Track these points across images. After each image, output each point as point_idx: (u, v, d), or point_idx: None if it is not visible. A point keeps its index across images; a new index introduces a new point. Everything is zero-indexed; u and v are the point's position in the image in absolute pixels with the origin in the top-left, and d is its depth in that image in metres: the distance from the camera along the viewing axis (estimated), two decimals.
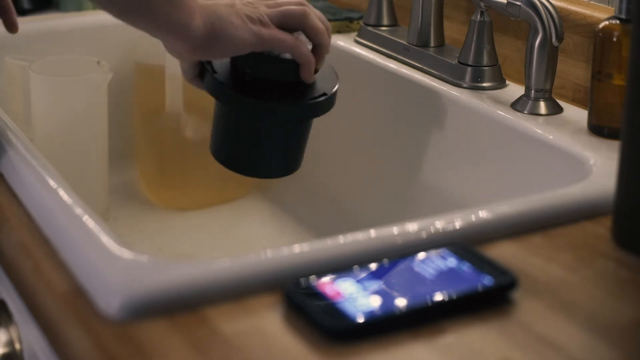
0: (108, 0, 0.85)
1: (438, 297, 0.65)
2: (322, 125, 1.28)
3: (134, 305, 0.65)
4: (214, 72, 0.92)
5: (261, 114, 0.91)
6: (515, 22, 1.07)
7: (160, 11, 0.85)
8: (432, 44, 1.14)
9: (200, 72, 0.94)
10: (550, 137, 0.94)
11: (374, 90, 1.18)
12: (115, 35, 1.27)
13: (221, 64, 0.93)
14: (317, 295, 0.65)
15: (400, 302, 0.64)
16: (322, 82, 0.94)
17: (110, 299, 0.66)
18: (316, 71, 0.93)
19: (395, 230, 0.74)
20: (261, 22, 0.89)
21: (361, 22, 1.24)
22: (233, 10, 0.89)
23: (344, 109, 1.24)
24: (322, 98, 0.92)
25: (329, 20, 1.25)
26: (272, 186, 1.32)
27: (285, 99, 0.91)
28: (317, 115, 0.94)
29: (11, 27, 1.03)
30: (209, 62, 0.93)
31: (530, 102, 1.00)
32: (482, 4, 1.04)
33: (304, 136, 0.96)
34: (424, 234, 0.74)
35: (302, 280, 0.67)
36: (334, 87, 0.93)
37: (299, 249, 0.71)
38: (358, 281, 0.67)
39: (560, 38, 0.98)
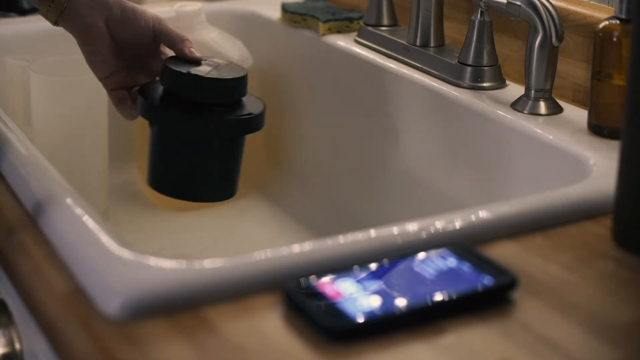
0: None
1: (438, 297, 0.65)
2: (323, 125, 1.28)
3: (134, 305, 0.65)
4: (146, 97, 0.94)
5: (203, 130, 0.94)
6: (515, 22, 1.07)
7: None
8: (432, 44, 1.14)
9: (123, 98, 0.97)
10: (550, 137, 0.94)
11: (374, 90, 1.18)
12: None
13: (152, 90, 0.96)
14: (317, 295, 0.65)
15: (400, 302, 0.64)
16: (249, 105, 0.96)
17: (110, 299, 0.65)
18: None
19: (395, 230, 0.74)
20: None
21: (361, 22, 1.23)
22: None
23: (344, 109, 1.24)
24: (250, 116, 0.94)
25: (329, 20, 1.25)
26: (272, 186, 1.32)
27: (216, 116, 0.94)
28: (248, 132, 0.96)
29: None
30: (141, 90, 0.96)
31: (530, 102, 1.00)
32: (482, 4, 1.04)
33: (238, 156, 0.98)
34: (424, 234, 0.74)
35: (302, 280, 0.67)
36: (261, 108, 0.96)
37: (299, 249, 0.71)
38: (358, 281, 0.67)
39: (560, 38, 0.98)
